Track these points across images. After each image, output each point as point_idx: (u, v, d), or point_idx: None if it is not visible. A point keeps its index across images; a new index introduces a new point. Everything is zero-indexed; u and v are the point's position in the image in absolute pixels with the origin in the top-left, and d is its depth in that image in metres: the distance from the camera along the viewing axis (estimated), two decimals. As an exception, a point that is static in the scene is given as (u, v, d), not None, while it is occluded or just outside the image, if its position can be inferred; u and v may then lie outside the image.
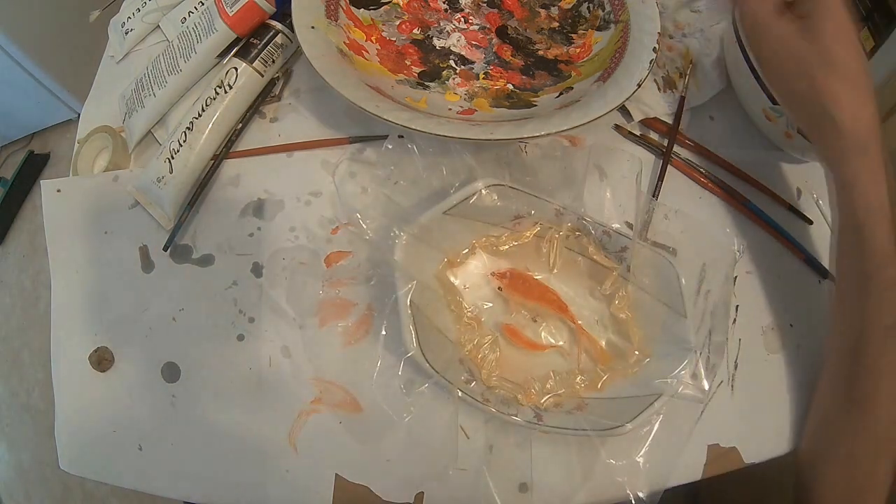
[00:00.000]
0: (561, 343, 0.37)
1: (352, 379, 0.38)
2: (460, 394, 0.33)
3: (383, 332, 0.37)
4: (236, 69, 0.43)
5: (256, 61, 0.43)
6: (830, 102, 0.32)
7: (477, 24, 0.47)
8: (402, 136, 0.40)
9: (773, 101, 0.39)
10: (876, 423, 0.32)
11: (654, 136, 0.44)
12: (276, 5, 0.44)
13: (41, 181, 0.45)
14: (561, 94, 0.42)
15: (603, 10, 0.45)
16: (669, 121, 0.44)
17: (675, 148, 0.43)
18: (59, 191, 0.45)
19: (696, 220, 0.40)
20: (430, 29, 0.46)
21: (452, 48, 0.45)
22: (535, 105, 0.41)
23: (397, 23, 0.46)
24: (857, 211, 0.32)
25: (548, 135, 0.35)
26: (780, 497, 0.38)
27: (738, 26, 0.38)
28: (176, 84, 0.45)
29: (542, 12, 0.47)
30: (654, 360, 0.35)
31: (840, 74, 0.32)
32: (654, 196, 0.41)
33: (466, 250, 0.38)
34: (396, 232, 0.35)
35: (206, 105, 0.42)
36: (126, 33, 0.51)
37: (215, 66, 0.46)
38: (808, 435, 0.36)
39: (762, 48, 0.36)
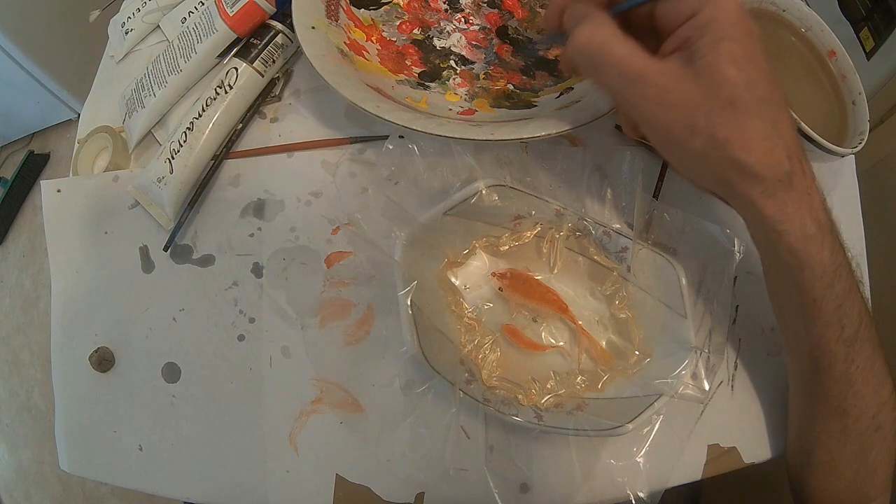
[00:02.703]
0: (561, 343, 0.37)
1: (352, 379, 0.38)
2: (461, 394, 0.33)
3: (384, 333, 0.37)
4: (236, 69, 0.43)
5: (257, 61, 0.43)
6: (738, 149, 0.27)
7: (477, 25, 0.47)
8: (403, 137, 0.40)
9: (774, 102, 0.39)
10: (856, 421, 0.32)
11: (654, 136, 0.44)
12: (277, 5, 0.44)
13: (41, 181, 0.45)
14: (561, 94, 0.42)
15: (603, 11, 0.45)
16: (669, 121, 0.44)
17: (676, 148, 0.43)
18: (59, 191, 0.45)
19: (696, 220, 0.40)
20: (430, 29, 0.46)
21: (453, 48, 0.45)
22: (536, 105, 0.41)
23: (397, 23, 0.46)
24: (793, 245, 0.28)
25: (548, 135, 0.35)
26: (780, 497, 0.38)
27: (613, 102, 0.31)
28: (176, 84, 0.45)
29: (543, 12, 0.47)
30: (655, 360, 0.35)
31: (741, 109, 0.26)
32: (654, 196, 0.41)
33: (467, 250, 0.38)
34: (397, 232, 0.35)
35: (207, 105, 0.42)
36: (126, 33, 0.51)
37: (215, 66, 0.46)
38: (788, 446, 0.37)
39: (641, 112, 0.28)
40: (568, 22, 0.30)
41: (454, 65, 0.44)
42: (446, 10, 0.47)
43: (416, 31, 0.46)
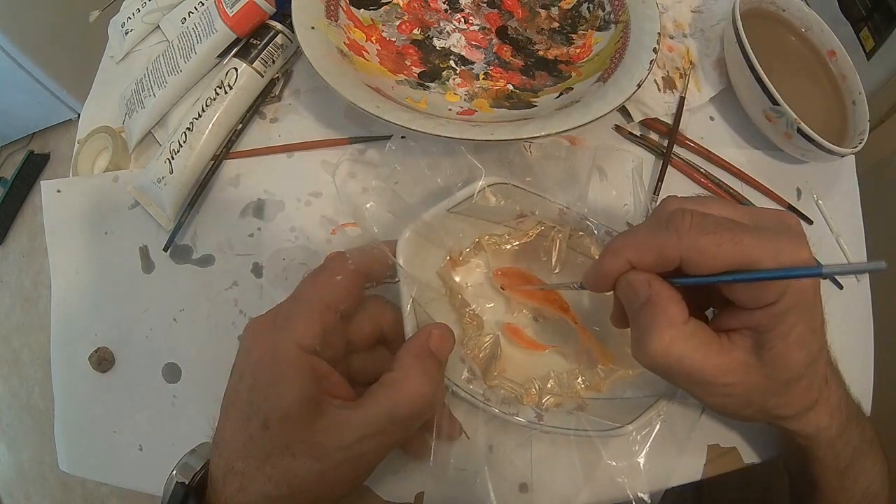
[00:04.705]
0: (562, 343, 0.37)
1: (352, 379, 0.38)
2: (462, 393, 0.33)
3: (384, 332, 0.37)
4: (236, 69, 0.43)
5: (256, 62, 0.43)
6: (781, 409, 0.28)
7: (477, 25, 0.47)
8: (405, 137, 0.40)
9: (773, 102, 0.39)
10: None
11: (654, 136, 0.44)
12: (276, 6, 0.44)
13: (41, 181, 0.45)
14: (561, 94, 0.42)
15: (603, 11, 0.45)
16: (669, 121, 0.44)
17: (675, 148, 0.43)
18: (59, 191, 0.45)
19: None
20: (430, 29, 0.46)
21: (452, 48, 0.45)
22: (536, 105, 0.41)
23: (397, 23, 0.46)
24: (804, 434, 0.30)
25: (548, 135, 0.35)
26: (780, 497, 0.38)
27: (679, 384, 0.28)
28: (176, 84, 0.45)
29: (542, 12, 0.47)
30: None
31: (793, 383, 0.27)
32: (654, 196, 0.41)
33: (469, 249, 0.37)
34: (399, 229, 0.35)
35: (207, 105, 0.42)
36: (126, 33, 0.51)
37: (215, 66, 0.46)
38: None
39: (701, 400, 0.28)
40: (626, 299, 0.27)
41: (454, 65, 0.44)
42: (446, 11, 0.47)
43: (415, 31, 0.46)
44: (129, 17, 0.51)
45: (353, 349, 0.32)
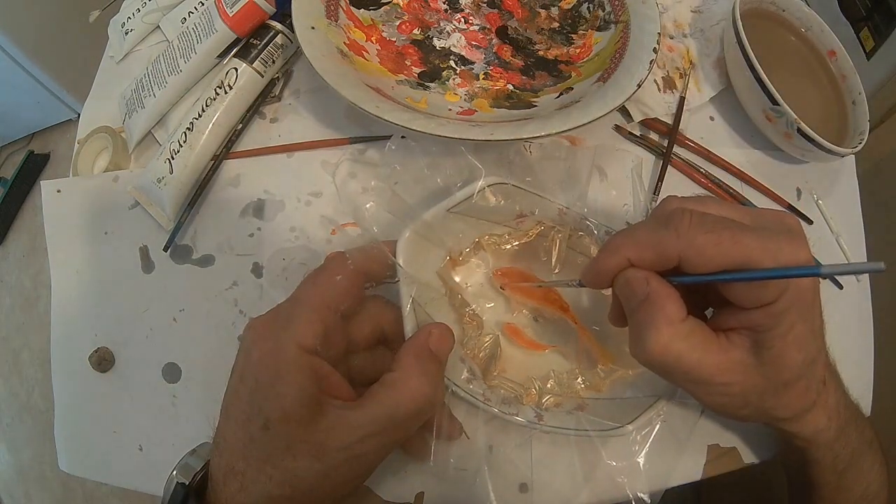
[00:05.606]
0: (562, 343, 0.37)
1: (352, 379, 0.38)
2: (462, 393, 0.33)
3: (384, 332, 0.37)
4: (236, 69, 0.43)
5: (256, 62, 0.43)
6: (779, 411, 0.29)
7: (477, 25, 0.47)
8: (405, 137, 0.40)
9: (773, 102, 0.39)
10: None
11: (654, 136, 0.44)
12: (277, 6, 0.44)
13: (41, 181, 0.45)
14: (561, 94, 0.42)
15: (603, 11, 0.45)
16: (669, 121, 0.44)
17: (675, 148, 0.43)
18: (59, 191, 0.45)
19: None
20: (430, 29, 0.46)
21: (452, 48, 0.45)
22: (536, 105, 0.41)
23: (397, 23, 0.46)
24: (803, 436, 0.30)
25: (548, 135, 0.35)
26: (780, 496, 0.38)
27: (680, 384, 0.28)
28: (176, 84, 0.45)
29: (543, 12, 0.47)
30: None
31: (792, 384, 0.27)
32: (654, 196, 0.41)
33: (469, 249, 0.37)
34: (399, 229, 0.35)
35: (206, 105, 0.42)
36: (126, 33, 0.51)
37: (215, 66, 0.46)
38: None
39: (699, 399, 0.28)
40: (624, 296, 0.27)
41: (454, 65, 0.44)
42: (446, 11, 0.47)
43: (415, 31, 0.46)
44: (129, 17, 0.51)
45: (353, 349, 0.32)
